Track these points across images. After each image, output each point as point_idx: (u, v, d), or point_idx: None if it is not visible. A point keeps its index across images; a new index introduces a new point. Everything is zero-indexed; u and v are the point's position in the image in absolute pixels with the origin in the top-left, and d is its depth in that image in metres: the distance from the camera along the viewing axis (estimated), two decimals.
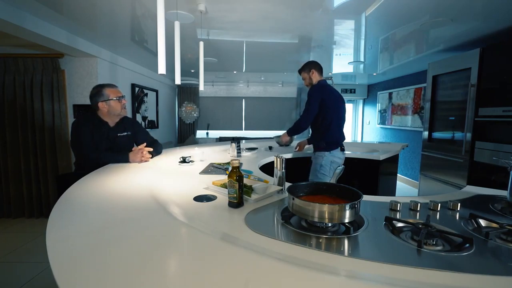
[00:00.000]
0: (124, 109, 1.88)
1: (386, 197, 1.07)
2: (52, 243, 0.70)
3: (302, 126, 2.20)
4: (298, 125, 2.23)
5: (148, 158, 1.87)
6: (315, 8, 2.05)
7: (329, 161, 2.11)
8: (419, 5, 1.94)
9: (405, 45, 3.00)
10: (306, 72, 2.25)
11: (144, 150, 1.85)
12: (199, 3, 1.94)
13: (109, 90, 1.82)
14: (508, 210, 0.97)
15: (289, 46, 3.14)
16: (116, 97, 1.81)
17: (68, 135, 3.01)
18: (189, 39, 2.85)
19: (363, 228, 0.80)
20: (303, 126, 2.20)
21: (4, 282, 1.92)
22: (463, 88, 2.59)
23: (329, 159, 2.12)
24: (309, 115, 2.13)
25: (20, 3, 1.93)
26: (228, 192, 0.97)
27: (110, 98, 1.80)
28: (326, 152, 2.13)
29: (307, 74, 2.24)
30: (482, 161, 2.41)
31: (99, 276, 0.55)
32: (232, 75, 5.39)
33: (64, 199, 1.05)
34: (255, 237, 0.74)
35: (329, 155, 2.12)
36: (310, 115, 2.13)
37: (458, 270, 0.58)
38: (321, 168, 2.10)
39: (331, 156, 2.12)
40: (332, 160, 2.12)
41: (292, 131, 2.34)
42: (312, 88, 2.18)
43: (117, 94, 1.83)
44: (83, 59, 3.05)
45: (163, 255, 0.64)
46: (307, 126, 2.20)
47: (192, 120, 6.39)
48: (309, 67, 2.24)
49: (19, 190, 3.01)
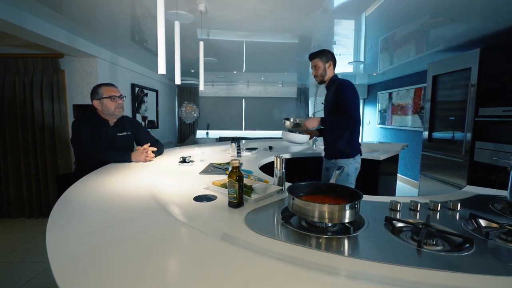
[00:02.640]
0: (119, 109, 1.85)
1: (386, 197, 1.07)
2: (52, 243, 0.69)
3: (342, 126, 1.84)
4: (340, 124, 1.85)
5: (152, 158, 1.87)
6: (315, 8, 2.05)
7: (354, 168, 1.89)
8: (419, 5, 1.94)
9: (405, 45, 3.00)
10: (322, 61, 1.89)
11: (149, 150, 1.85)
12: (199, 3, 1.94)
13: (104, 88, 1.82)
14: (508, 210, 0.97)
15: (289, 46, 3.14)
16: (109, 95, 1.80)
17: (68, 135, 3.01)
18: (189, 39, 2.85)
19: (363, 228, 0.80)
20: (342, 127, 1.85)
21: (4, 282, 1.92)
22: (463, 88, 2.59)
23: (354, 166, 1.89)
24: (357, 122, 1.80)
25: (20, 3, 1.93)
26: (228, 192, 0.97)
27: (103, 96, 1.79)
28: (351, 159, 1.87)
29: (322, 63, 1.89)
30: (482, 161, 2.41)
31: (99, 276, 0.55)
32: (232, 75, 5.39)
33: (64, 199, 1.05)
34: (255, 237, 0.74)
35: (354, 161, 1.88)
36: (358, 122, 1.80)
37: (458, 270, 0.58)
38: (348, 177, 1.87)
39: (355, 163, 1.90)
40: (356, 167, 1.91)
41: (327, 123, 1.90)
42: (347, 86, 1.81)
43: (111, 93, 1.81)
44: (83, 59, 3.05)
45: (163, 255, 0.64)
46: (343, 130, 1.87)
47: (192, 120, 6.39)
48: (327, 56, 1.89)
49: (19, 190, 3.01)
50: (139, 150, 1.83)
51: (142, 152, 1.81)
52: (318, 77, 1.93)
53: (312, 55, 1.93)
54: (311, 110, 6.41)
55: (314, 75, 1.96)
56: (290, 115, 6.61)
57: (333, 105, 1.87)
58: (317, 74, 1.93)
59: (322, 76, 1.92)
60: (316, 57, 1.90)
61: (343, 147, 1.87)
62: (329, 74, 1.92)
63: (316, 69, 1.91)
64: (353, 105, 1.79)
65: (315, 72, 1.93)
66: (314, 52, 1.93)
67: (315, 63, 1.91)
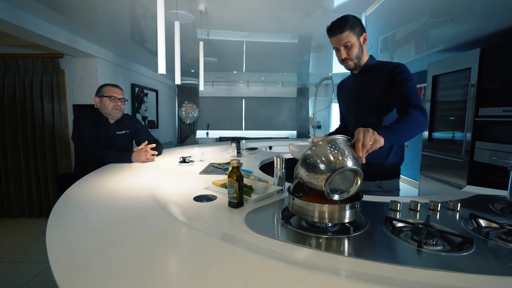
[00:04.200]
0: (115, 110, 1.84)
1: (386, 197, 1.07)
2: (52, 243, 0.69)
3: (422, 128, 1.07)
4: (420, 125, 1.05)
5: (153, 158, 1.85)
6: (315, 8, 2.05)
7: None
8: (419, 5, 1.94)
9: (405, 45, 3.00)
10: (356, 34, 1.19)
11: (148, 148, 1.83)
12: (199, 3, 1.94)
13: (108, 88, 1.84)
14: (508, 210, 0.97)
15: (289, 46, 3.14)
16: (110, 95, 1.81)
17: (68, 135, 3.02)
18: (189, 39, 2.85)
19: (363, 228, 0.80)
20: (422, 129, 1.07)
21: (4, 282, 1.92)
22: (463, 88, 2.59)
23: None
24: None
25: (20, 3, 1.93)
26: (228, 192, 0.97)
27: (104, 95, 1.81)
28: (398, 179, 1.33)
29: (356, 38, 1.20)
30: (482, 161, 2.41)
31: (99, 276, 0.55)
32: (232, 75, 5.39)
33: (64, 199, 1.05)
34: (255, 237, 0.74)
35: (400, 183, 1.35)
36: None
37: (458, 270, 0.58)
38: None
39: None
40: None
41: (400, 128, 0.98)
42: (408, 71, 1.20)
43: (112, 93, 1.83)
44: (83, 59, 3.05)
45: (163, 254, 0.64)
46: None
47: (192, 120, 6.39)
48: (360, 26, 1.21)
49: (19, 190, 3.01)
50: (138, 150, 1.81)
51: (141, 152, 1.80)
52: (352, 61, 1.23)
53: (338, 25, 1.18)
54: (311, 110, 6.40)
55: (345, 59, 1.23)
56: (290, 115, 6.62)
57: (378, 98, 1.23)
58: (351, 55, 1.21)
59: (359, 58, 1.23)
60: (345, 29, 1.16)
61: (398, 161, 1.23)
62: (366, 53, 1.27)
63: (350, 48, 1.20)
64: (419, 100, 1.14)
65: (347, 54, 1.21)
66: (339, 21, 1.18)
67: (348, 38, 1.18)
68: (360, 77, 1.32)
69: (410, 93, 1.13)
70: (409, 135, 1.01)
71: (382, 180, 1.30)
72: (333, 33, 1.20)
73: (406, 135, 1.00)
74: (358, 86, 1.33)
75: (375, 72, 1.26)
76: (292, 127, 6.60)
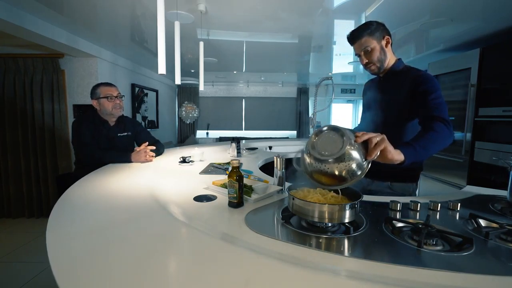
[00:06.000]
0: (116, 109, 1.84)
1: (386, 197, 1.07)
2: (53, 243, 0.70)
3: (445, 144, 1.03)
4: (443, 141, 1.02)
5: (152, 158, 1.85)
6: (315, 8, 2.05)
7: None
8: (419, 5, 1.94)
9: (405, 45, 3.00)
10: (376, 38, 1.20)
11: (148, 149, 1.83)
12: (199, 3, 1.94)
13: (102, 88, 1.82)
14: (508, 210, 0.97)
15: (289, 46, 3.14)
16: (106, 95, 1.80)
17: (68, 135, 3.02)
18: (189, 39, 2.85)
19: (363, 228, 0.80)
20: (444, 144, 1.03)
21: (4, 282, 1.92)
22: (463, 88, 2.59)
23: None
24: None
25: (20, 3, 1.93)
26: (228, 192, 0.97)
27: (101, 96, 1.80)
28: (415, 184, 1.31)
29: (377, 42, 1.20)
30: (482, 161, 2.41)
31: (99, 276, 0.55)
32: (232, 75, 5.39)
33: (64, 199, 1.05)
34: (255, 237, 0.74)
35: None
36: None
37: (458, 270, 0.58)
38: None
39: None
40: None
41: (423, 144, 0.95)
42: (432, 81, 1.15)
43: (108, 92, 1.81)
44: (83, 59, 3.05)
45: (163, 255, 0.64)
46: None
47: (192, 120, 6.39)
48: (381, 30, 1.21)
49: (19, 190, 3.01)
50: (138, 151, 1.82)
51: (141, 152, 1.80)
52: (375, 64, 1.24)
53: (357, 33, 1.21)
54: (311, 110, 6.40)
55: (367, 63, 1.24)
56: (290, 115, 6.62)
57: (400, 105, 1.21)
58: (372, 60, 1.22)
59: (382, 61, 1.23)
60: (364, 35, 1.20)
61: (413, 165, 1.05)
62: (390, 57, 1.25)
63: (370, 53, 1.21)
64: (446, 109, 1.10)
65: (368, 58, 1.23)
66: (357, 28, 1.22)
67: (366, 44, 1.20)
68: (384, 82, 1.31)
69: (432, 105, 1.08)
70: (431, 151, 0.98)
71: (393, 182, 1.29)
72: (352, 40, 1.25)
73: (428, 152, 0.96)
74: (381, 90, 1.32)
75: (399, 79, 1.24)
76: (292, 127, 6.60)
